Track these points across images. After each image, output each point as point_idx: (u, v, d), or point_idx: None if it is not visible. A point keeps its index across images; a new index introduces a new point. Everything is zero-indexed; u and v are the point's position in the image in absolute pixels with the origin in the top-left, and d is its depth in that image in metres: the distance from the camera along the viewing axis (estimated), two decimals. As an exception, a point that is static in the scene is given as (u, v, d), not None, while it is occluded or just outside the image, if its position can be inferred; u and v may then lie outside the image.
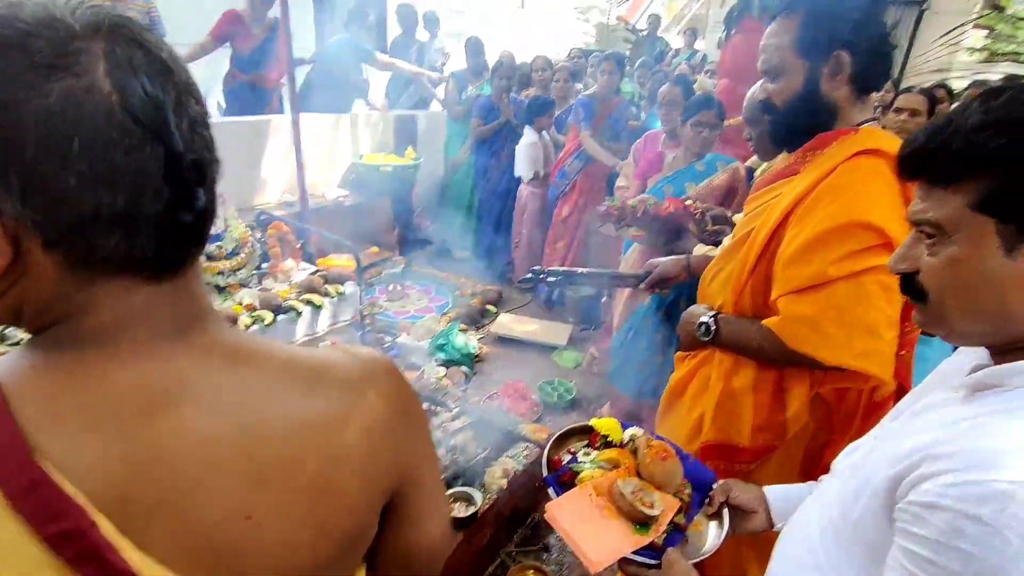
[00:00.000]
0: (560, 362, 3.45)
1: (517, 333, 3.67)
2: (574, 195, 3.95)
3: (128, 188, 0.40)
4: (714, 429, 1.28)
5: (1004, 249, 0.59)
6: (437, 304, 4.08)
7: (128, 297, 0.44)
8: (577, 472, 1.12)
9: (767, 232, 1.17)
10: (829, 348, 1.08)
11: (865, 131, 1.14)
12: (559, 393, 3.03)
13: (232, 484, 0.45)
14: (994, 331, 0.63)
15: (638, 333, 2.54)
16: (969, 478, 0.55)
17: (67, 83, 0.38)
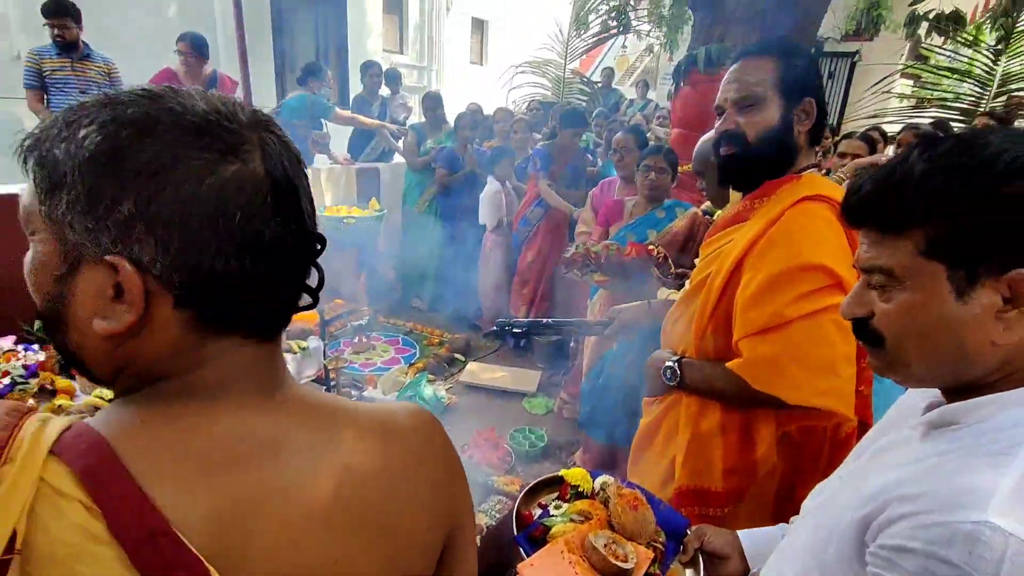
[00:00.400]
0: (531, 409, 3.42)
1: (486, 381, 3.64)
2: (537, 241, 4.00)
3: (268, 259, 0.45)
4: (686, 473, 1.28)
5: (955, 294, 0.60)
6: (404, 355, 4.02)
7: (236, 355, 0.48)
8: (549, 527, 1.10)
9: (723, 277, 1.20)
10: (792, 388, 1.10)
11: (807, 178, 1.20)
12: (531, 441, 2.99)
13: (327, 532, 0.47)
14: (952, 373, 0.64)
15: (607, 378, 2.55)
16: (936, 519, 0.55)
17: (237, 167, 0.44)
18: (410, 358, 3.95)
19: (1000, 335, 0.59)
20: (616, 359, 2.49)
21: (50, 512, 0.39)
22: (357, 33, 8.54)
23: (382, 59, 8.60)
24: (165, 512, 0.41)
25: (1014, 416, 0.59)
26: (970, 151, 0.59)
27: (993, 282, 0.58)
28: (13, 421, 0.41)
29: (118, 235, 0.42)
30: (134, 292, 0.42)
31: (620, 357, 2.46)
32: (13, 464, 0.39)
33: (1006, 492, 0.53)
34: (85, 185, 0.41)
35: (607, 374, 2.56)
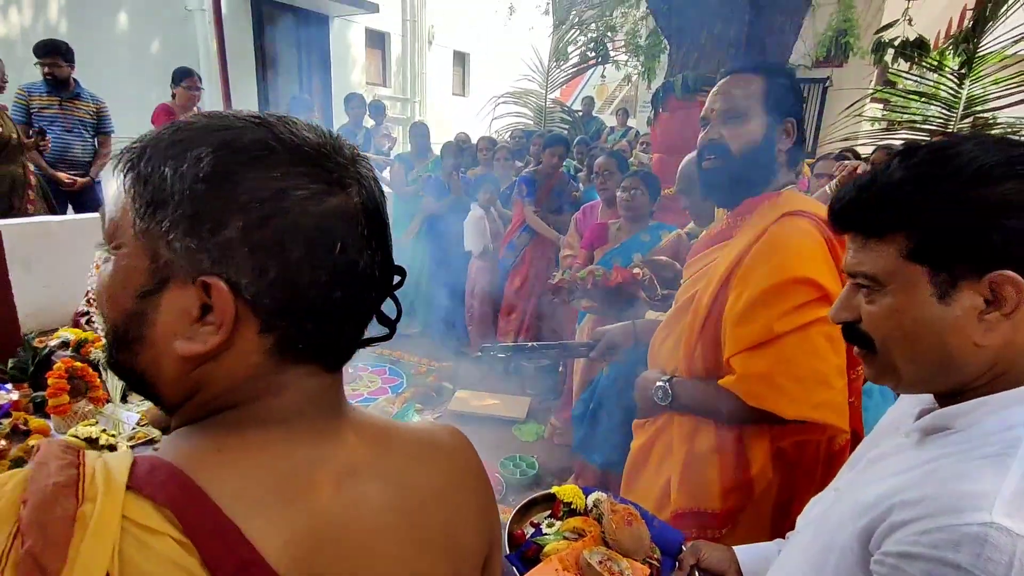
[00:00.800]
0: (521, 436, 3.38)
1: (475, 409, 3.59)
2: (524, 267, 4.01)
3: (357, 289, 0.46)
4: (683, 496, 1.26)
5: (937, 296, 0.61)
6: (391, 384, 3.97)
7: (309, 383, 0.48)
8: (542, 545, 1.07)
9: (710, 295, 1.21)
10: (787, 402, 1.10)
11: (787, 194, 1.22)
12: (521, 469, 2.94)
13: (400, 549, 0.49)
14: (940, 377, 0.65)
15: (599, 402, 2.53)
16: (940, 523, 0.54)
17: (341, 198, 0.44)
18: (398, 388, 3.90)
19: (982, 336, 0.60)
20: (606, 382, 2.48)
21: (139, 550, 0.37)
22: (341, 66, 8.66)
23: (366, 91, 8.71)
24: (252, 541, 0.40)
25: (1006, 419, 0.59)
26: (943, 159, 0.62)
27: (974, 284, 0.59)
28: (74, 459, 0.39)
29: (219, 257, 0.41)
30: (225, 314, 0.42)
31: (611, 380, 2.45)
32: (93, 503, 0.37)
33: (1008, 494, 0.53)
34: (194, 206, 0.41)
35: (598, 398, 2.54)
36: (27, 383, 1.95)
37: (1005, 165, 0.59)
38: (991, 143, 0.62)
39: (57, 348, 2.14)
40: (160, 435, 1.81)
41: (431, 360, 4.35)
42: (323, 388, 0.49)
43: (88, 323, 2.15)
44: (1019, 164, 0.59)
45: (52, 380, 1.81)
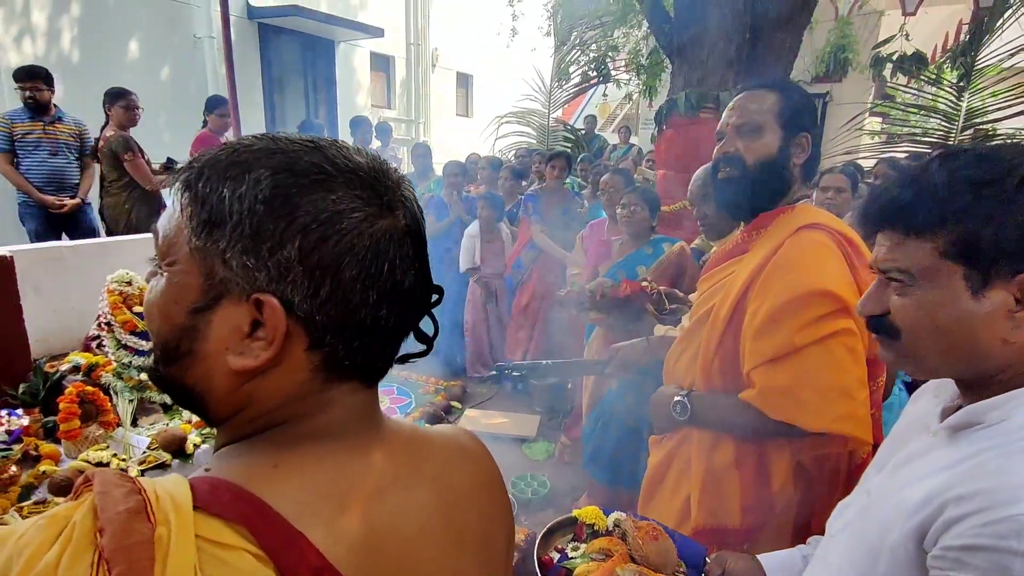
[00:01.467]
0: (531, 454, 3.35)
1: (485, 428, 3.57)
2: (531, 284, 4.02)
3: (402, 306, 0.48)
4: (703, 512, 1.24)
5: (970, 292, 0.63)
6: (400, 404, 3.95)
7: (354, 397, 0.49)
8: (571, 569, 1.07)
9: (728, 308, 1.20)
10: (809, 414, 1.10)
11: (801, 208, 1.23)
12: (533, 488, 2.91)
13: (441, 550, 0.51)
14: (966, 368, 0.67)
15: (608, 419, 2.51)
16: (1001, 515, 0.56)
17: (390, 220, 0.46)
18: (406, 408, 3.89)
19: (1011, 333, 0.62)
20: (616, 399, 2.46)
21: (217, 567, 0.38)
22: (346, 90, 8.78)
23: (371, 114, 8.82)
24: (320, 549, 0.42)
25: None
26: (988, 163, 0.64)
27: (1005, 284, 0.62)
28: (134, 486, 0.40)
29: (276, 275, 0.43)
30: (277, 330, 0.43)
31: (620, 397, 2.44)
32: (167, 526, 0.38)
33: None
34: (253, 226, 0.43)
35: (608, 415, 2.53)
36: (38, 408, 1.96)
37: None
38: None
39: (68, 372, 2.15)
40: (171, 459, 1.81)
41: (439, 379, 4.33)
42: (365, 403, 0.51)
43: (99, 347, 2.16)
44: None
45: (63, 405, 1.81)
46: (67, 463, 1.76)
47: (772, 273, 1.15)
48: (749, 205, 1.27)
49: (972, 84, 5.83)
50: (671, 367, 1.40)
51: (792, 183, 1.24)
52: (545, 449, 3.38)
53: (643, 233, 2.71)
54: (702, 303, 1.34)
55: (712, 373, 1.25)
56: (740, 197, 1.26)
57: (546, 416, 3.74)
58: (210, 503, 0.41)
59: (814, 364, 1.10)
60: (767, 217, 1.25)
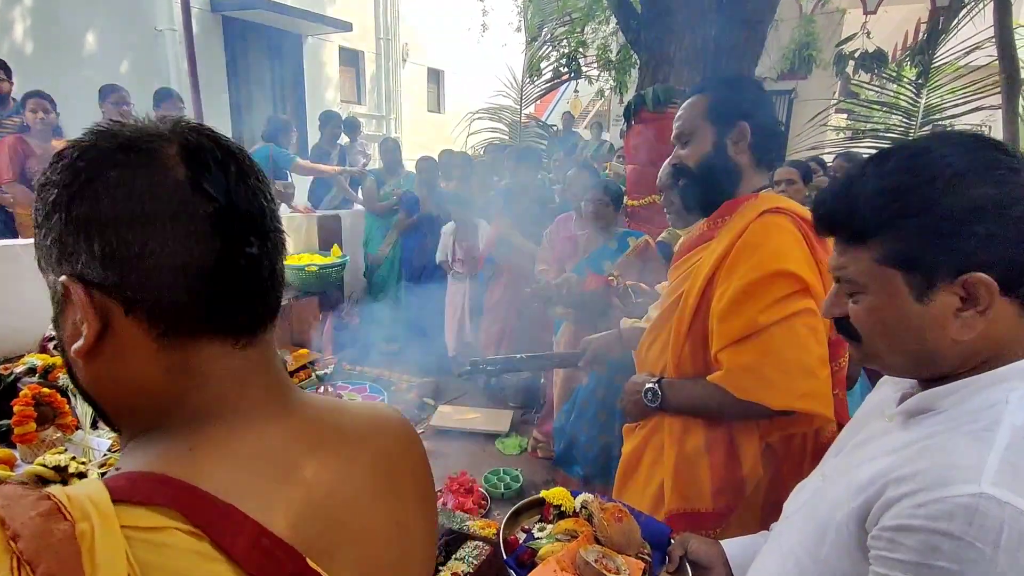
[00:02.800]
0: (504, 449, 3.36)
1: (458, 423, 3.57)
2: (503, 281, 4.02)
3: (186, 242, 0.43)
4: (676, 497, 1.27)
5: (915, 297, 0.64)
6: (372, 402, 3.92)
7: (229, 361, 0.47)
8: (536, 549, 1.09)
9: (696, 294, 1.23)
10: (773, 392, 1.13)
11: (764, 196, 1.27)
12: (505, 483, 2.93)
13: (383, 505, 0.53)
14: (922, 367, 0.68)
15: (580, 414, 2.54)
16: (933, 496, 0.57)
17: (143, 162, 0.43)
18: (378, 405, 3.86)
19: (958, 332, 0.63)
20: (587, 394, 2.49)
21: (152, 550, 0.38)
22: (315, 85, 8.65)
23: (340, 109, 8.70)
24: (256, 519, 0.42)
25: (987, 397, 0.62)
26: (915, 168, 0.65)
27: (949, 286, 0.62)
28: (40, 491, 0.39)
29: (59, 253, 0.43)
30: (82, 303, 0.43)
31: (591, 392, 2.47)
32: (88, 521, 0.37)
33: (995, 464, 0.56)
34: (39, 218, 0.44)
35: (579, 410, 2.55)
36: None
37: (974, 172, 0.62)
38: (961, 145, 0.65)
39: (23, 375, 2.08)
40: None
41: (412, 376, 4.32)
42: (248, 367, 0.48)
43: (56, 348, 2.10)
44: (986, 169, 0.62)
45: (18, 408, 1.75)
46: (23, 468, 1.71)
47: (736, 256, 1.18)
48: (708, 202, 1.32)
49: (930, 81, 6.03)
50: (643, 356, 1.42)
51: (743, 171, 1.27)
52: (518, 444, 3.39)
53: (608, 227, 2.74)
54: (672, 291, 1.36)
55: (683, 359, 1.27)
56: (696, 199, 1.32)
57: (519, 412, 3.75)
58: (131, 494, 0.40)
59: (777, 343, 1.13)
60: (731, 205, 1.28)
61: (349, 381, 4.26)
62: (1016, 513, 0.53)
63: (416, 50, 10.76)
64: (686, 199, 1.33)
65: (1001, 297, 0.61)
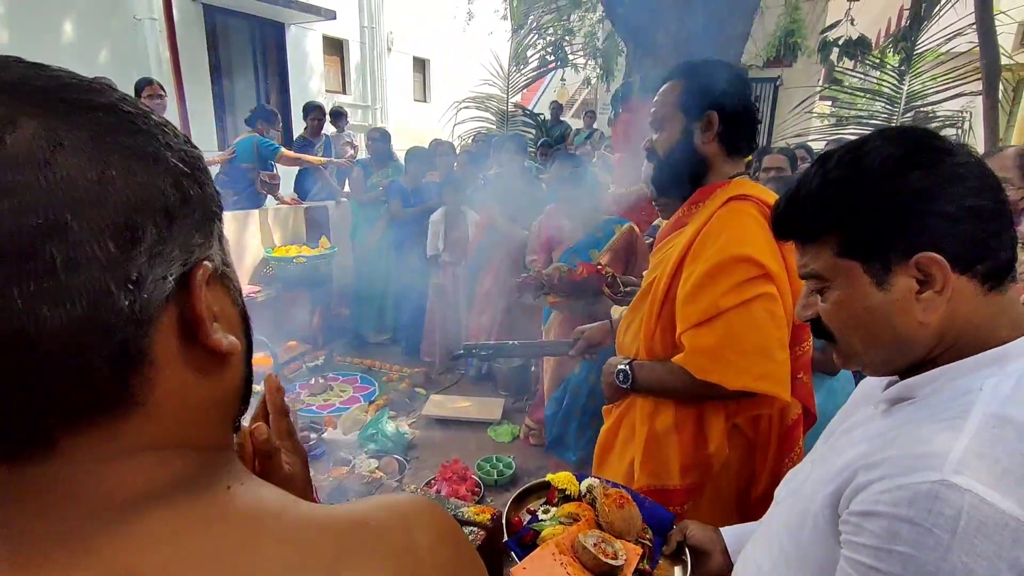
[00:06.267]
0: (496, 437, 3.39)
1: (450, 413, 3.59)
2: (492, 269, 4.03)
3: None
4: (645, 474, 1.31)
5: (876, 284, 0.66)
6: (363, 393, 3.94)
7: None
8: (538, 531, 1.11)
9: (666, 279, 1.27)
10: (732, 373, 1.17)
11: (735, 182, 1.29)
12: (499, 470, 2.96)
13: None
14: (897, 357, 0.70)
15: (571, 402, 2.57)
16: (897, 483, 0.59)
17: None
18: (370, 396, 3.87)
19: (923, 314, 0.65)
20: (579, 382, 2.52)
21: None
22: (299, 74, 8.53)
23: (325, 99, 8.60)
24: None
25: (961, 386, 0.64)
26: (853, 160, 0.68)
27: (904, 268, 0.65)
28: None
29: None
30: None
31: (582, 380, 2.50)
32: None
33: (959, 452, 0.57)
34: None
35: (570, 397, 2.58)
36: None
37: (906, 157, 0.65)
38: (895, 136, 0.68)
39: None
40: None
41: (403, 367, 4.33)
42: (25, 498, 0.32)
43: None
44: (919, 154, 0.65)
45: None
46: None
47: (702, 242, 1.22)
48: (676, 188, 1.35)
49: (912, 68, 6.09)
50: (621, 340, 1.46)
51: (711, 160, 1.29)
52: (510, 431, 3.42)
53: (592, 217, 2.76)
54: (648, 275, 1.40)
55: (654, 342, 1.31)
56: (662, 185, 1.37)
57: (510, 399, 3.78)
58: None
59: (736, 326, 1.16)
60: (704, 192, 1.31)
61: (340, 372, 4.27)
62: (976, 500, 0.54)
63: (401, 39, 10.64)
64: (655, 183, 1.38)
65: (959, 276, 0.63)
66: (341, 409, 3.62)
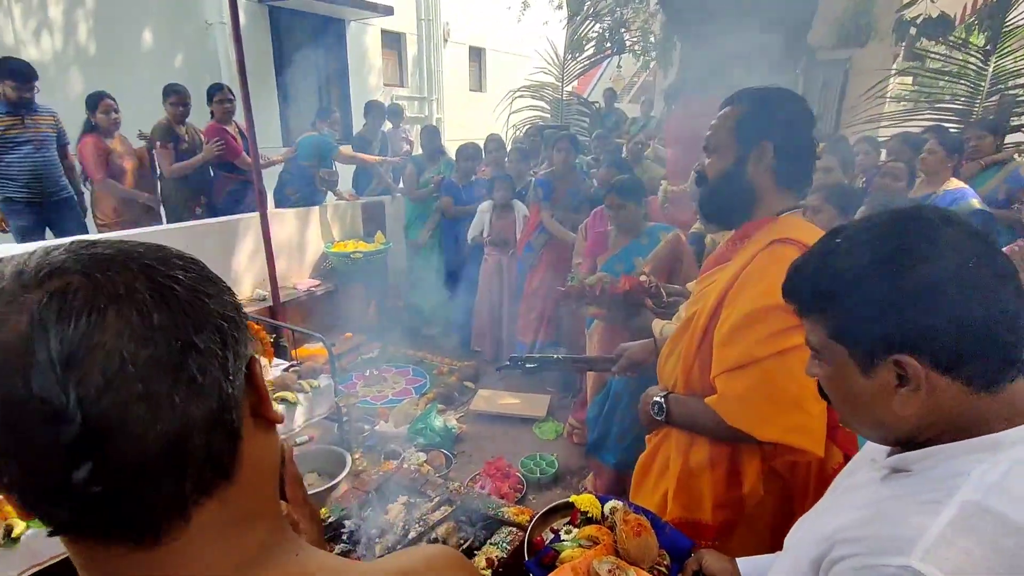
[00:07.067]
0: (541, 434, 3.46)
1: (497, 408, 3.68)
2: (541, 268, 4.07)
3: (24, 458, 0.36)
4: (678, 506, 1.32)
5: (860, 371, 0.68)
6: (415, 385, 4.09)
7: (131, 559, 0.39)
8: (559, 552, 1.16)
9: (706, 315, 1.26)
10: (761, 424, 1.15)
11: (783, 220, 1.25)
12: (541, 468, 3.02)
13: None
14: (884, 435, 0.71)
15: (612, 406, 2.59)
16: (867, 563, 0.60)
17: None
18: (421, 388, 4.02)
19: (900, 408, 0.66)
20: (620, 387, 2.54)
21: None
22: (358, 70, 8.76)
23: (383, 93, 8.81)
24: None
25: (953, 467, 0.64)
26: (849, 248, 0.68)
27: (884, 363, 0.65)
28: None
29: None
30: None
31: (624, 385, 2.51)
32: None
33: (931, 539, 0.57)
34: None
35: (612, 401, 2.60)
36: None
37: (900, 254, 0.64)
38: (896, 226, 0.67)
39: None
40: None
41: (453, 360, 4.45)
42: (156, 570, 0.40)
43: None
44: (912, 253, 0.64)
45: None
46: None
47: (741, 284, 1.20)
48: (721, 218, 1.34)
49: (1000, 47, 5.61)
50: (661, 367, 1.45)
51: (762, 192, 1.26)
52: (554, 429, 3.48)
53: (634, 226, 2.74)
54: (689, 306, 1.39)
55: (692, 377, 1.30)
56: (709, 211, 1.35)
57: (556, 396, 3.83)
58: None
59: (771, 376, 1.14)
60: (751, 227, 1.28)
61: (393, 364, 4.44)
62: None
63: (457, 29, 10.71)
64: (702, 207, 1.37)
65: (942, 376, 0.63)
66: (394, 401, 3.78)
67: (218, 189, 4.39)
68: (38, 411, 0.34)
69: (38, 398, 0.34)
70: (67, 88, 5.29)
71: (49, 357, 0.35)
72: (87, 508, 0.37)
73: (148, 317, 0.37)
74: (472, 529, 2.15)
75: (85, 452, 0.35)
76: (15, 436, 0.35)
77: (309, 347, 3.71)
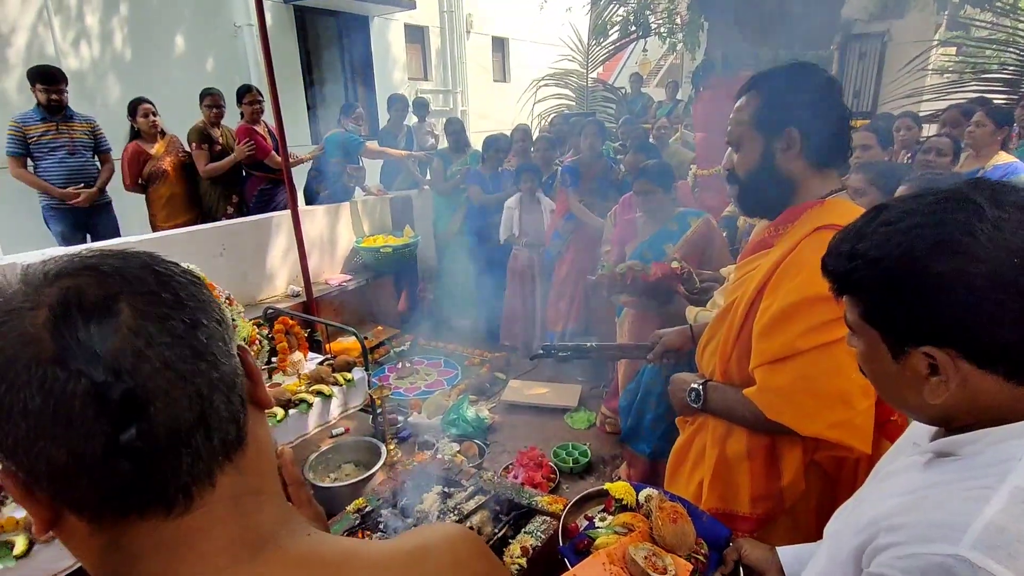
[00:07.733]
0: (573, 424, 3.45)
1: (528, 399, 3.69)
2: (570, 255, 4.04)
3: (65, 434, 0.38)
4: (713, 497, 1.29)
5: (892, 355, 0.66)
6: (447, 377, 4.12)
7: (157, 536, 0.42)
8: (594, 539, 1.15)
9: (746, 303, 1.21)
10: (804, 418, 1.10)
11: (829, 204, 1.18)
12: (574, 457, 3.01)
13: None
14: (917, 417, 0.70)
15: (645, 394, 2.56)
16: (913, 551, 0.58)
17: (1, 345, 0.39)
18: (452, 380, 4.05)
19: (930, 396, 0.64)
20: (654, 374, 2.51)
21: None
22: (382, 64, 8.82)
23: (408, 87, 8.84)
24: None
25: (1003, 451, 0.61)
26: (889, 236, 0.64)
27: (916, 351, 0.63)
28: None
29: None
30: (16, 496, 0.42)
31: (655, 373, 2.48)
32: None
33: (980, 527, 0.55)
34: None
35: (644, 390, 2.58)
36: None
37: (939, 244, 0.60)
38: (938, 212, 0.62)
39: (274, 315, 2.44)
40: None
41: (484, 351, 4.47)
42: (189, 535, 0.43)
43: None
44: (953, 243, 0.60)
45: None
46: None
47: (783, 273, 1.15)
48: (762, 210, 1.29)
49: (1052, 11, 5.32)
50: (699, 355, 1.41)
51: (797, 178, 1.20)
52: (586, 419, 3.47)
53: (665, 212, 2.69)
54: (729, 294, 1.34)
55: (730, 366, 1.26)
56: (749, 208, 1.32)
57: (587, 386, 3.81)
58: None
59: (813, 369, 1.10)
60: (793, 212, 1.22)
61: (425, 356, 4.48)
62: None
63: (479, 20, 10.67)
64: (741, 204, 1.33)
65: (977, 369, 0.60)
66: (426, 392, 3.82)
67: (250, 189, 4.49)
68: (80, 389, 0.38)
69: (77, 374, 0.38)
70: (106, 95, 5.47)
71: (78, 339, 0.38)
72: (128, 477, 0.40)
73: (158, 299, 0.42)
74: (506, 518, 2.17)
75: (128, 417, 0.39)
76: (60, 418, 0.38)
77: (343, 341, 3.77)
